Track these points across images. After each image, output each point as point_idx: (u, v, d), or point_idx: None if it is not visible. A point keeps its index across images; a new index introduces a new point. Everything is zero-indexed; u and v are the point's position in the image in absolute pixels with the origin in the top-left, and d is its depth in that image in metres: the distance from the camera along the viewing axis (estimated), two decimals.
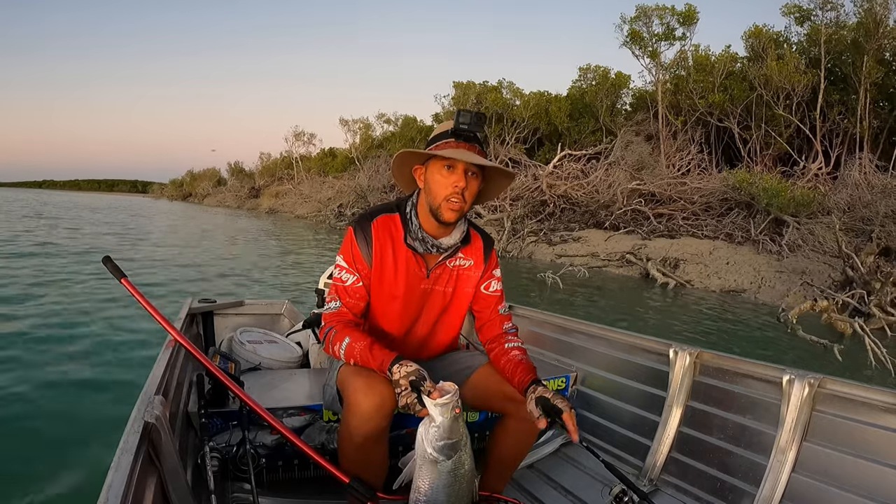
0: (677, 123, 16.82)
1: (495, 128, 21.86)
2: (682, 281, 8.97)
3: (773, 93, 15.30)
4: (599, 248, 11.44)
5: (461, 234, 1.47)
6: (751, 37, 16.94)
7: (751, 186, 12.62)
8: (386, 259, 1.43)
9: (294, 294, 6.70)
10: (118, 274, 1.53)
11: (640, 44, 16.73)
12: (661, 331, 6.63)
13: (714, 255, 10.50)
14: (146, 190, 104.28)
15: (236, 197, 42.05)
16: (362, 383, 1.26)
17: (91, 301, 5.38)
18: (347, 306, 1.42)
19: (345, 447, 1.29)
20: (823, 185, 14.01)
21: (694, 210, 13.28)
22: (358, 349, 1.31)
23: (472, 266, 1.52)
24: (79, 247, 10.31)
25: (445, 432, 1.15)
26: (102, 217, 23.05)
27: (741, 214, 12.62)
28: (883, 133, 15.49)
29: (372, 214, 1.46)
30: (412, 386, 1.20)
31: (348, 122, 33.38)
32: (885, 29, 14.06)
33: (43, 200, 40.23)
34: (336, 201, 25.53)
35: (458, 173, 1.34)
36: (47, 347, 3.84)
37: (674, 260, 9.65)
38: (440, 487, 1.18)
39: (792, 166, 15.27)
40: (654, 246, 10.83)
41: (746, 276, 9.24)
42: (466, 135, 1.36)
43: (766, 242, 10.78)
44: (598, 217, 13.90)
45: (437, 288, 1.49)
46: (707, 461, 1.71)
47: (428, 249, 1.44)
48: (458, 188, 1.34)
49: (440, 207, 1.36)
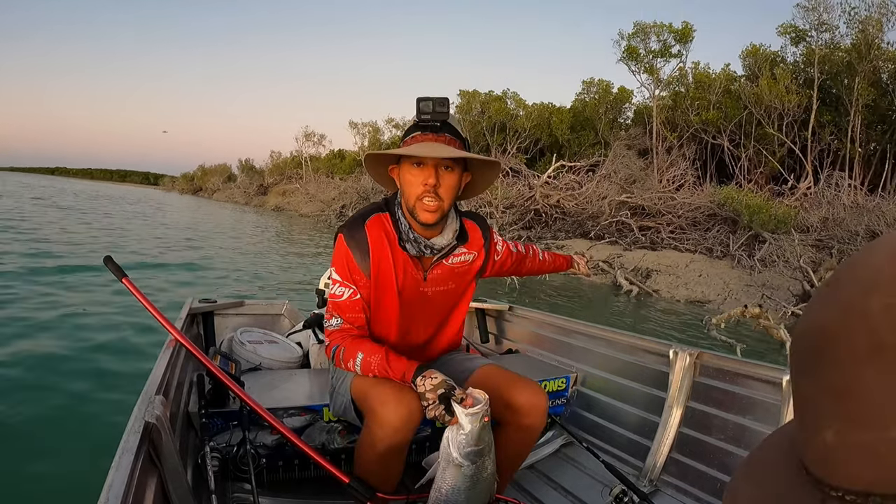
0: (672, 139, 17.13)
1: (497, 137, 22.33)
2: (649, 290, 9.30)
3: (765, 112, 15.57)
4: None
5: (454, 233, 1.38)
6: (748, 56, 17.25)
7: (735, 203, 12.92)
8: (385, 262, 1.34)
9: (287, 285, 7.05)
10: (119, 274, 1.50)
11: (637, 60, 17.07)
12: (594, 319, 7.16)
13: (690, 267, 10.79)
14: (157, 182, 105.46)
15: (244, 193, 42.80)
16: (392, 396, 1.21)
17: (90, 300, 5.36)
18: (349, 321, 1.35)
19: (366, 457, 1.25)
20: (811, 204, 14.26)
21: (680, 224, 13.57)
22: (375, 363, 1.26)
23: (476, 258, 1.46)
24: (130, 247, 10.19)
25: (473, 439, 1.16)
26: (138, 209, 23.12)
27: (725, 230, 12.91)
28: (876, 155, 15.70)
29: (363, 216, 1.36)
30: (441, 398, 1.16)
31: (357, 124, 34.18)
32: (876, 51, 14.30)
33: (74, 190, 39.98)
34: (339, 202, 26.04)
35: (428, 169, 1.24)
36: (48, 347, 3.82)
37: (646, 270, 9.97)
38: (462, 490, 1.19)
39: (783, 185, 15.52)
40: (631, 256, 11.15)
41: (714, 288, 9.53)
42: (432, 125, 1.26)
43: (742, 258, 11.06)
44: (585, 227, 14.23)
45: (436, 288, 1.42)
46: (707, 462, 1.70)
47: (421, 251, 1.35)
48: (429, 185, 1.24)
49: (415, 208, 1.28)
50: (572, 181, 16.30)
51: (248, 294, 6.61)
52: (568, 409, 2.18)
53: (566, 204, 15.31)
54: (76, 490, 1.99)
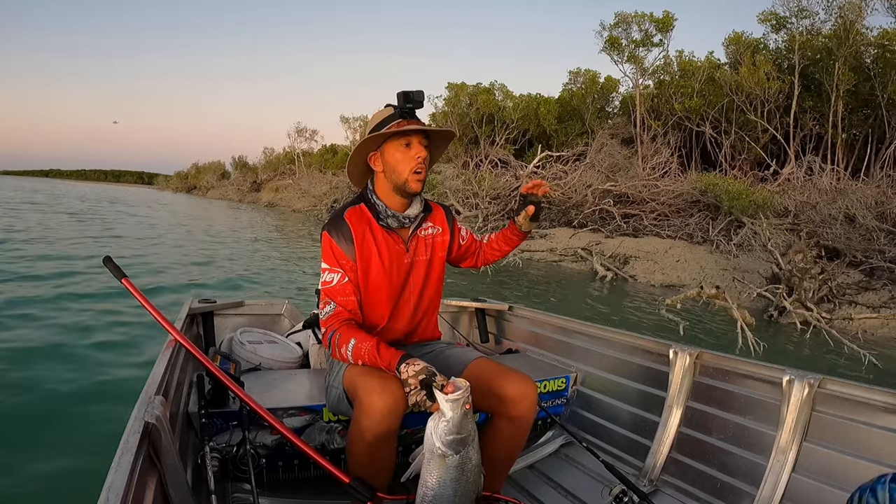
0: (656, 127, 17.24)
1: (486, 129, 22.40)
2: (626, 275, 9.45)
3: (747, 99, 15.67)
4: (560, 245, 11.92)
5: (421, 203, 1.57)
6: (731, 43, 17.33)
7: (716, 189, 13.06)
8: (368, 244, 1.49)
9: (275, 275, 7.14)
10: (119, 274, 1.50)
11: (619, 50, 17.14)
12: (569, 302, 7.47)
13: (669, 253, 10.94)
14: (152, 181, 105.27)
15: (238, 190, 42.87)
16: (377, 384, 1.25)
17: (91, 300, 5.33)
18: (341, 305, 1.44)
19: (355, 448, 1.29)
20: (799, 190, 14.39)
21: (662, 211, 13.71)
22: (365, 350, 1.32)
23: (441, 233, 1.63)
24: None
25: (455, 427, 1.16)
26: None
27: (707, 217, 13.05)
28: (859, 139, 15.82)
29: (340, 211, 1.52)
30: (422, 384, 1.21)
31: (349, 119, 34.25)
32: (855, 35, 14.37)
33: (77, 194, 38.34)
34: (331, 196, 26.14)
35: (416, 146, 1.45)
36: (47, 347, 3.83)
37: (624, 256, 10.12)
38: (448, 482, 1.19)
39: (766, 171, 15.64)
40: (611, 243, 11.29)
41: (690, 273, 9.68)
42: (410, 112, 1.46)
43: (721, 243, 11.21)
44: (569, 216, 14.37)
45: (417, 259, 1.57)
46: (707, 461, 1.71)
47: (401, 223, 1.51)
48: (421, 158, 1.44)
49: (407, 181, 1.45)
50: (560, 171, 16.43)
51: (246, 288, 6.66)
52: (568, 409, 2.19)
53: (552, 193, 15.43)
54: (76, 490, 2.03)
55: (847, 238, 9.62)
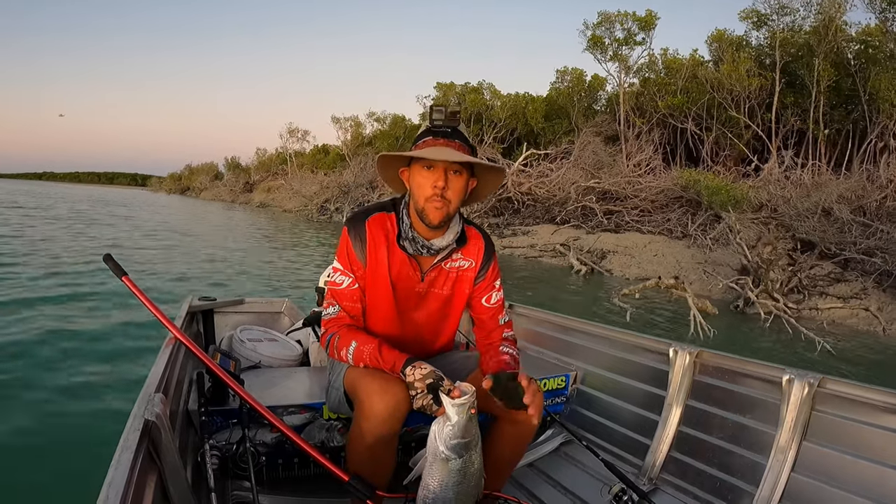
0: (640, 124, 17.40)
1: (474, 128, 22.55)
2: (602, 270, 9.58)
3: (729, 95, 15.84)
4: (541, 241, 12.06)
5: (455, 235, 1.41)
6: (714, 41, 17.50)
7: (697, 185, 13.21)
8: (380, 258, 1.39)
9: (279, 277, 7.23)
10: (119, 272, 1.49)
11: (602, 49, 17.29)
12: (546, 294, 7.65)
13: (647, 248, 11.08)
14: (145, 183, 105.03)
15: (231, 191, 42.93)
16: (378, 386, 1.23)
17: (92, 299, 5.37)
18: (345, 309, 1.40)
19: (355, 449, 1.27)
20: (774, 184, 14.56)
21: (644, 207, 13.85)
22: (367, 352, 1.29)
23: (471, 267, 1.47)
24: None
25: (460, 431, 1.16)
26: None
27: (688, 212, 13.20)
28: (841, 134, 16.00)
29: (367, 212, 1.42)
30: (429, 388, 1.19)
31: (340, 119, 34.32)
32: (835, 31, 14.54)
33: (79, 196, 37.80)
34: (321, 196, 26.24)
35: (438, 172, 1.29)
36: (47, 346, 3.84)
37: (600, 251, 10.25)
38: (449, 485, 1.18)
39: (748, 167, 15.81)
40: (590, 239, 11.43)
41: (666, 267, 9.82)
42: (443, 131, 1.31)
43: (699, 237, 11.36)
44: (552, 213, 14.51)
45: (433, 291, 1.45)
46: (707, 460, 1.70)
47: (418, 251, 1.38)
48: (438, 188, 1.28)
49: (424, 209, 1.32)
50: (546, 168, 16.56)
51: (246, 287, 6.66)
52: (567, 408, 2.19)
53: (537, 191, 15.57)
54: (76, 487, 1.98)
55: (822, 231, 9.77)
